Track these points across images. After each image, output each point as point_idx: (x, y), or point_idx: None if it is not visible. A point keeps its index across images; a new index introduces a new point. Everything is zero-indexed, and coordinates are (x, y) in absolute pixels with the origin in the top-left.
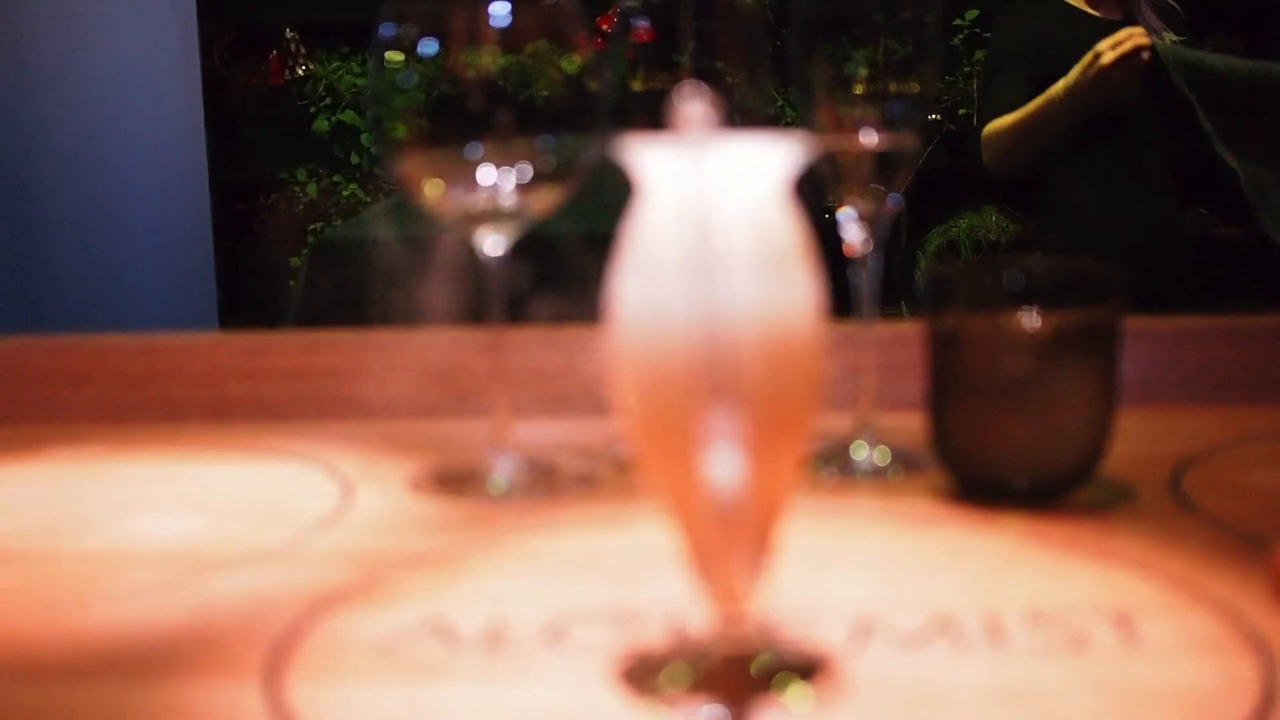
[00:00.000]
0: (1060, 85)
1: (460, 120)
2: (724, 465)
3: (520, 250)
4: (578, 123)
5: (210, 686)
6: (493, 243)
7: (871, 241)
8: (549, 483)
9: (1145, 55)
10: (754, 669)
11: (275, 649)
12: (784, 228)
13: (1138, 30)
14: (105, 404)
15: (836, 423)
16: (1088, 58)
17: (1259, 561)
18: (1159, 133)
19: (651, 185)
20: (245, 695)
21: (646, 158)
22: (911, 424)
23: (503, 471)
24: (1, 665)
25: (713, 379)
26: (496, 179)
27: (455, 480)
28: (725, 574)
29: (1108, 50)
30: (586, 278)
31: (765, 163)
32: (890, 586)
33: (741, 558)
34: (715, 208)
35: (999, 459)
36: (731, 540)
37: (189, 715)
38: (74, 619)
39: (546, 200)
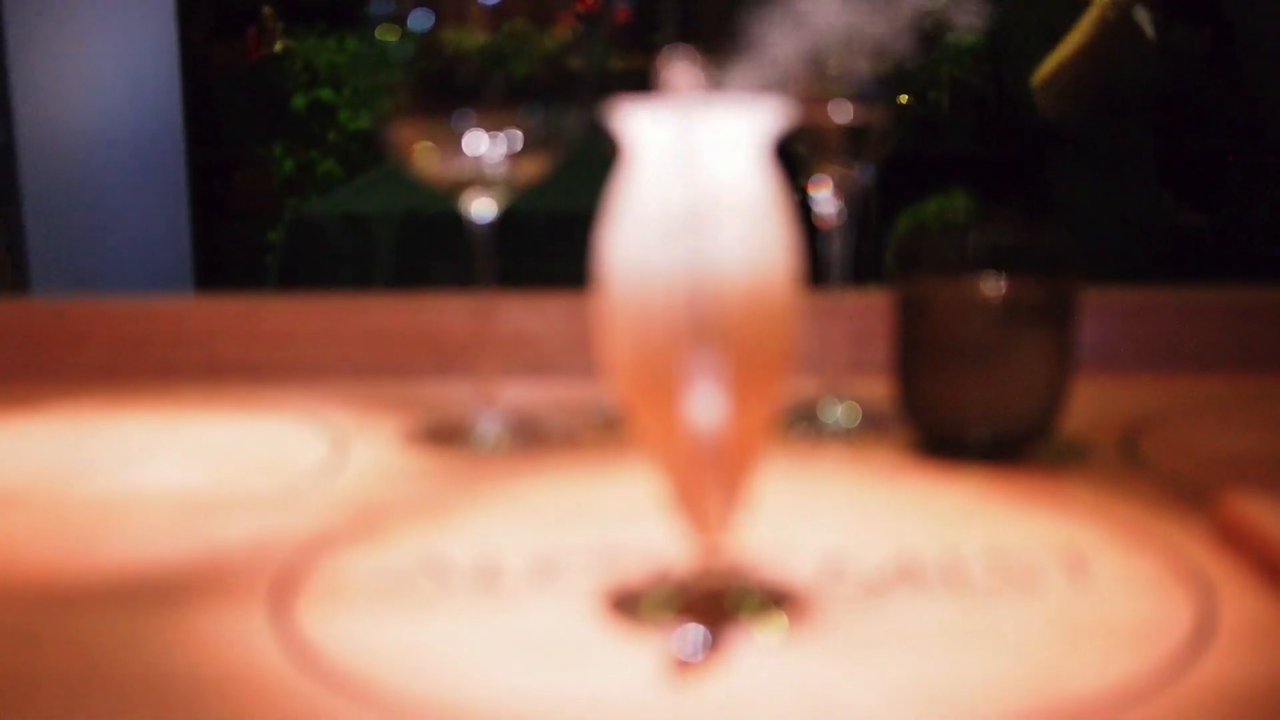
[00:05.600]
0: None
1: (449, 92)
2: (706, 405)
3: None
4: (562, 95)
5: (221, 616)
6: (481, 208)
7: (845, 212)
8: (535, 438)
9: None
10: (729, 600)
11: (280, 583)
12: (764, 185)
13: None
14: (102, 364)
15: (807, 385)
16: None
17: (1204, 511)
18: (1146, 119)
19: (639, 146)
20: (253, 624)
21: (635, 120)
22: (878, 387)
23: (490, 427)
24: (26, 596)
25: (696, 326)
26: (484, 147)
27: (445, 435)
28: (705, 508)
29: None
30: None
31: (749, 125)
32: (857, 531)
33: (720, 492)
34: (701, 167)
35: (961, 417)
36: (711, 475)
37: (202, 640)
38: (87, 556)
39: (533, 168)
